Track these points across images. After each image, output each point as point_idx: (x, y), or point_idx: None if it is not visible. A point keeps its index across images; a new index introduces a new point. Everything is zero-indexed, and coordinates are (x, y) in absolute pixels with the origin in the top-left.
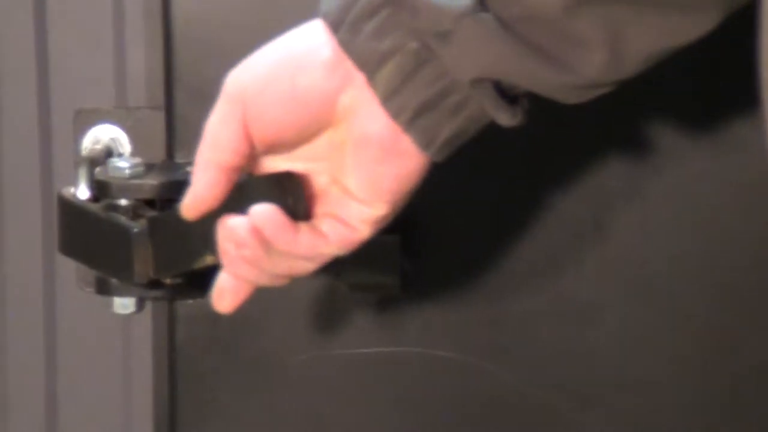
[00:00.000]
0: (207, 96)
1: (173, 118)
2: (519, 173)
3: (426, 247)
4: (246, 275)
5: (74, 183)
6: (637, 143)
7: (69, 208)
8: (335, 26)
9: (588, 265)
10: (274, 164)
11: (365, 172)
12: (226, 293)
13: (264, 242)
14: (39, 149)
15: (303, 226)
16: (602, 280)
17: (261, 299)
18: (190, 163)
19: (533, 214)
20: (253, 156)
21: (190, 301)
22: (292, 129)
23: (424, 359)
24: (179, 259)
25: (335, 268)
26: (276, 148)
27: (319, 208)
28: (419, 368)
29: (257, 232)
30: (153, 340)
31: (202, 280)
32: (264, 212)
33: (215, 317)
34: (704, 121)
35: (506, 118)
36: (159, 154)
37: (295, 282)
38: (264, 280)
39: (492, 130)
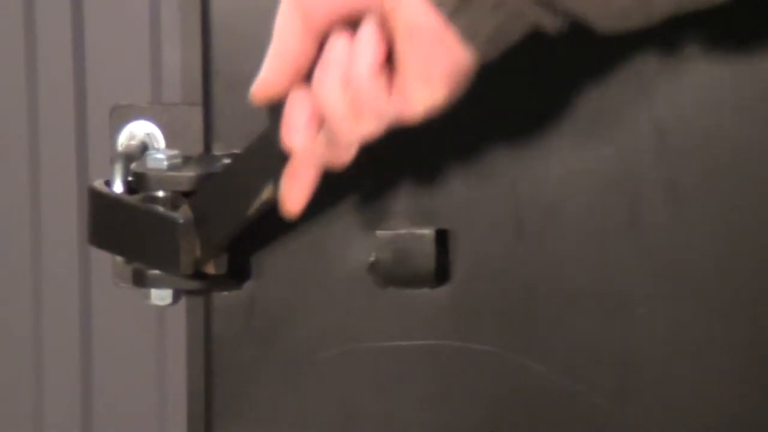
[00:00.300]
0: (245, 89)
1: (211, 111)
2: (554, 166)
3: (461, 240)
4: (308, 145)
5: (109, 178)
6: (673, 132)
7: (101, 200)
8: None
9: (624, 258)
10: None
11: (417, 61)
12: (292, 194)
13: (357, 57)
14: (75, 145)
15: (383, 71)
16: (639, 274)
17: (297, 291)
18: (227, 156)
19: (569, 207)
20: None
21: (226, 293)
22: (346, 18)
23: (459, 352)
24: (233, 215)
25: (372, 260)
26: None
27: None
28: (454, 361)
29: (358, 42)
30: (187, 331)
31: (239, 271)
32: (371, 25)
33: (251, 309)
34: (740, 109)
35: (547, 22)
36: (194, 151)
37: (331, 274)
38: (324, 153)
39: (528, 121)
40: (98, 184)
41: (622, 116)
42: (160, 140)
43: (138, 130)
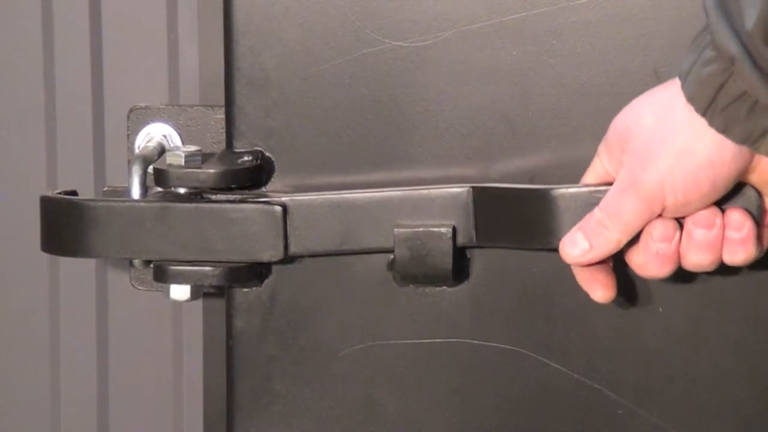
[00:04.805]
0: (265, 86)
1: (232, 108)
2: (575, 165)
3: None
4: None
5: (127, 180)
6: None
7: (180, 211)
8: (704, 111)
9: None
10: None
11: None
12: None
13: (736, 243)
14: (93, 147)
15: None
16: None
17: (316, 288)
18: (248, 153)
19: None
20: None
21: (246, 290)
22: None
23: (477, 350)
24: None
25: (391, 258)
26: None
27: None
28: (473, 359)
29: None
30: (204, 328)
31: (259, 268)
32: (743, 212)
33: (271, 306)
34: None
35: None
36: (210, 152)
37: (351, 272)
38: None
39: (551, 124)
40: (156, 195)
41: None
42: (177, 142)
43: (155, 132)
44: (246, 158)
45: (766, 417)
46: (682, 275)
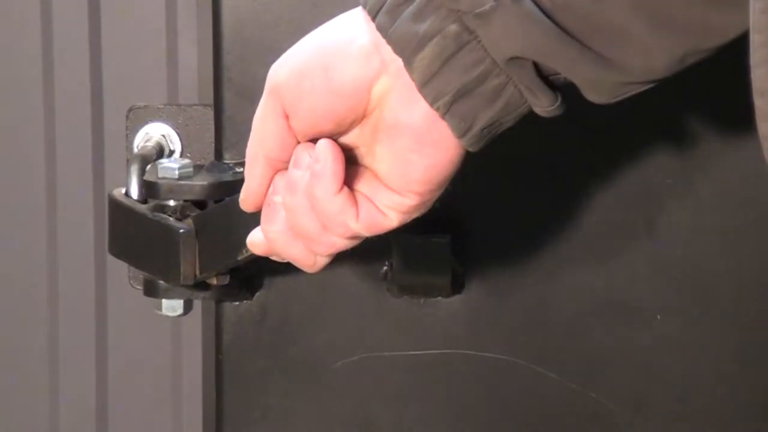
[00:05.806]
0: (256, 96)
1: (222, 118)
2: (569, 174)
3: (476, 248)
4: (281, 243)
5: (125, 181)
6: (689, 142)
7: (118, 209)
8: (374, 12)
9: (639, 266)
10: None
11: (396, 161)
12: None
13: (314, 177)
14: (92, 146)
15: (345, 188)
16: (654, 281)
17: (309, 300)
18: (238, 164)
19: (584, 215)
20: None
21: (237, 303)
22: (329, 120)
23: (473, 361)
24: (224, 253)
25: (385, 269)
26: (318, 137)
27: (356, 185)
28: (468, 370)
29: (315, 161)
30: (203, 341)
31: (249, 282)
32: (328, 142)
33: (262, 319)
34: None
35: (545, 100)
36: (210, 151)
37: (344, 283)
38: (292, 253)
39: (544, 131)
40: (116, 192)
41: (640, 125)
42: (175, 141)
43: (154, 132)
44: (238, 169)
45: (766, 426)
46: (679, 282)
